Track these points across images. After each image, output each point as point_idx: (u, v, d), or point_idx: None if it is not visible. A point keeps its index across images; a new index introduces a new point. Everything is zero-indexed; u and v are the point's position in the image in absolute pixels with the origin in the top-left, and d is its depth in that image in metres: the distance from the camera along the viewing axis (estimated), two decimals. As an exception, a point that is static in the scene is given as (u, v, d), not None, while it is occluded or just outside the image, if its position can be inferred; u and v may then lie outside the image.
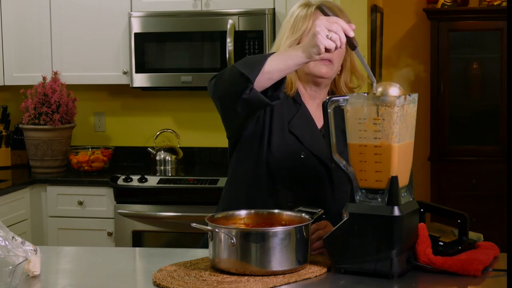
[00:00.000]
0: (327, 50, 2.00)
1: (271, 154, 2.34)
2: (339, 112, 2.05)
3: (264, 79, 2.10)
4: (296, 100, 2.40)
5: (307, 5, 2.38)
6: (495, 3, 5.72)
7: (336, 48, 2.00)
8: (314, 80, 2.40)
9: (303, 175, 2.34)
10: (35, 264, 2.04)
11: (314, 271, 2.02)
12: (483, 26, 5.81)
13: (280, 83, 2.13)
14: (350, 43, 2.04)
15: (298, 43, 2.35)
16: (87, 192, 4.28)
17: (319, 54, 2.01)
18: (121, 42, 4.46)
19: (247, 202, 2.30)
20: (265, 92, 2.13)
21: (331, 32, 1.99)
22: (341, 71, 2.43)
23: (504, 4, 5.67)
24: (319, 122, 2.41)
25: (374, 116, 1.97)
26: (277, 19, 4.20)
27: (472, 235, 2.15)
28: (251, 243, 1.98)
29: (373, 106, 1.97)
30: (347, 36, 2.02)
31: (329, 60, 2.34)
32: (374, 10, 4.87)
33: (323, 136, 2.37)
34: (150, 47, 4.38)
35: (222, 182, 3.98)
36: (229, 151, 2.45)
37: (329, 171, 2.36)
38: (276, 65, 2.08)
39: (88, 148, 4.62)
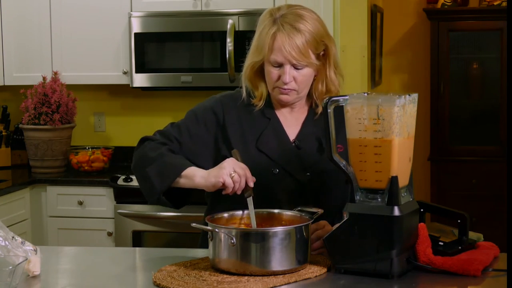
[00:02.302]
0: (226, 186, 2.15)
1: None
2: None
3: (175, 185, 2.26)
4: (265, 113, 2.35)
5: (272, 18, 2.27)
6: (495, 3, 5.72)
7: (233, 189, 2.14)
8: (279, 103, 2.36)
9: (277, 190, 2.29)
10: (35, 264, 2.04)
11: (314, 271, 2.02)
12: (483, 26, 5.81)
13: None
14: (246, 191, 2.16)
15: (262, 63, 2.30)
16: (87, 192, 4.28)
17: (219, 186, 2.15)
18: (121, 42, 4.46)
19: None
20: None
21: (236, 173, 2.12)
22: (315, 78, 2.33)
23: (504, 4, 5.66)
24: (295, 129, 2.36)
25: (374, 116, 1.97)
26: (277, 19, 4.19)
27: (472, 235, 2.15)
28: (251, 243, 1.98)
29: (373, 106, 1.97)
30: (246, 183, 2.15)
31: (290, 89, 2.29)
32: (374, 10, 4.87)
33: (297, 147, 2.33)
34: (150, 47, 4.38)
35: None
36: None
37: (304, 184, 2.30)
38: (184, 184, 2.24)
39: (88, 148, 4.62)
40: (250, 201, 2.15)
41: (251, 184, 2.14)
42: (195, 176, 2.20)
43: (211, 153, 2.33)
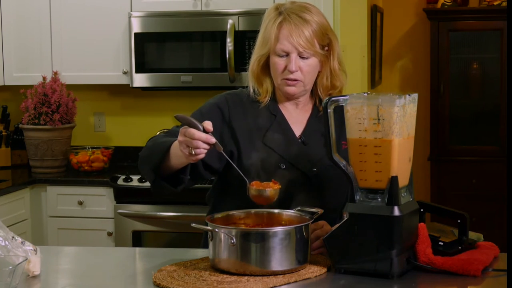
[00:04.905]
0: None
1: (247, 168, 2.28)
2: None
3: (167, 169, 2.22)
4: (271, 110, 2.36)
5: (277, 12, 2.32)
6: (495, 3, 5.72)
7: (195, 155, 2.07)
8: (285, 96, 2.37)
9: (285, 185, 2.27)
10: (35, 264, 2.04)
11: (314, 271, 2.02)
12: (483, 26, 5.81)
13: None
14: (216, 148, 2.10)
15: (268, 56, 2.32)
16: (87, 192, 4.28)
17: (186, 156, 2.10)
18: (121, 42, 4.46)
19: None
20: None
21: (193, 148, 2.06)
22: (319, 74, 2.35)
23: (504, 4, 5.66)
24: (300, 126, 2.38)
25: (374, 116, 1.97)
26: (277, 19, 4.19)
27: (472, 235, 2.15)
28: (251, 243, 1.98)
29: (373, 106, 1.97)
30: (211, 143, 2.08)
31: (297, 80, 2.30)
32: (374, 10, 4.87)
33: (303, 143, 2.35)
34: (150, 47, 4.38)
35: (222, 182, 3.98)
36: None
37: (311, 179, 2.32)
38: (172, 163, 2.19)
39: (88, 148, 4.62)
40: (223, 155, 2.15)
41: (213, 140, 2.07)
42: (178, 153, 2.16)
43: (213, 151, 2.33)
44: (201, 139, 2.05)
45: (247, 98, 2.38)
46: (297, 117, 2.38)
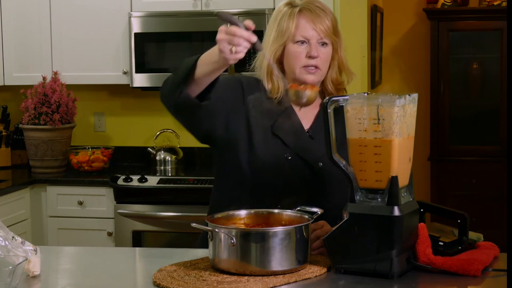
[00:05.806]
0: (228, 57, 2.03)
1: (254, 155, 2.30)
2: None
3: (194, 86, 2.19)
4: (281, 104, 2.36)
5: (291, 6, 2.35)
6: (495, 3, 5.72)
7: (235, 54, 2.01)
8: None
9: (289, 177, 2.30)
10: (35, 264, 2.04)
11: (314, 271, 2.02)
12: (483, 26, 5.81)
13: (210, 86, 2.19)
14: (256, 47, 2.06)
15: (283, 49, 2.33)
16: (87, 192, 4.28)
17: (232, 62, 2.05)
18: (121, 42, 4.46)
19: (231, 204, 2.24)
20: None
21: (234, 46, 2.01)
22: (328, 68, 2.38)
23: (504, 4, 5.66)
24: (308, 121, 2.39)
25: (374, 116, 1.97)
26: (277, 19, 4.19)
27: (472, 235, 2.15)
28: (251, 243, 1.98)
29: (373, 106, 1.97)
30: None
31: (316, 67, 2.32)
32: (374, 10, 4.87)
33: (311, 137, 2.36)
34: (150, 47, 4.38)
35: (222, 182, 3.98)
36: (212, 153, 2.45)
37: (315, 173, 2.33)
38: (201, 73, 2.15)
39: (88, 148, 4.62)
40: (264, 53, 2.21)
41: (254, 39, 2.02)
42: (211, 57, 2.13)
43: (227, 115, 2.31)
44: (243, 36, 2.01)
45: (262, 86, 2.37)
46: (305, 112, 2.39)
